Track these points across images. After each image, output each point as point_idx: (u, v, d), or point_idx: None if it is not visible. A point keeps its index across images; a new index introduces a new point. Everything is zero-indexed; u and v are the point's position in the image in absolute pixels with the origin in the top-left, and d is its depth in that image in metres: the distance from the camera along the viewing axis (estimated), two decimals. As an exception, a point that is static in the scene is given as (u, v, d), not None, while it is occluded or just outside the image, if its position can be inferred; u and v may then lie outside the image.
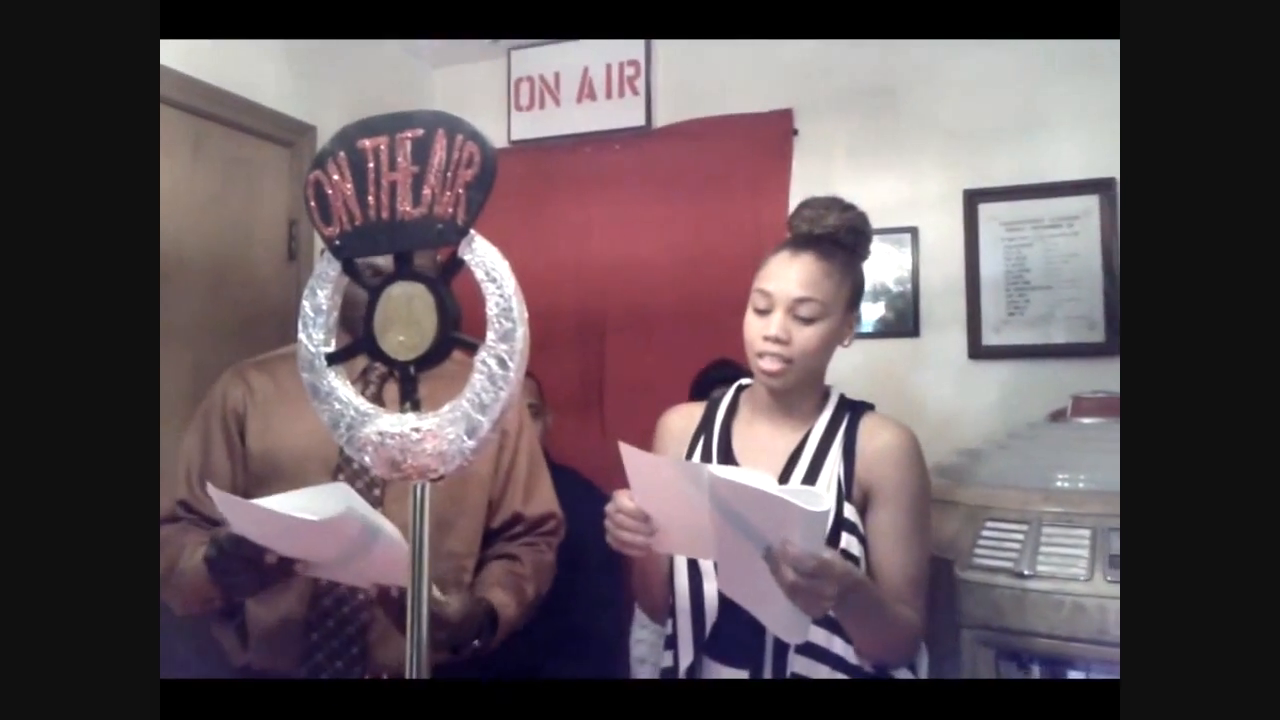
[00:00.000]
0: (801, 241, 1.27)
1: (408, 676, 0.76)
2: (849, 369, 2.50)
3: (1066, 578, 1.53)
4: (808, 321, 1.22)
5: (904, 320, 2.50)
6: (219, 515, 1.35)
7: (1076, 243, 2.33)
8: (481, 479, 1.45)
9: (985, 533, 1.68)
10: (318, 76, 2.46)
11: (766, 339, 1.22)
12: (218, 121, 2.16)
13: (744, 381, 1.38)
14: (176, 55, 2.01)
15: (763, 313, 1.24)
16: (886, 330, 2.52)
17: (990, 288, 2.41)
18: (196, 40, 2.06)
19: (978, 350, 2.42)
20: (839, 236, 1.27)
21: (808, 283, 1.22)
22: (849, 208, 1.30)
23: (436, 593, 1.17)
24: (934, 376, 2.46)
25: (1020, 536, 1.63)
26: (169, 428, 1.95)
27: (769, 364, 1.23)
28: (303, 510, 0.98)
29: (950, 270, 2.45)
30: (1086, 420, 1.88)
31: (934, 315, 2.48)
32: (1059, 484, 1.72)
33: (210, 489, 1.06)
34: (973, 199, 2.43)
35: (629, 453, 1.03)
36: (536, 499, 1.51)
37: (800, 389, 1.28)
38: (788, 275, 1.23)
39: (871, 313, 2.54)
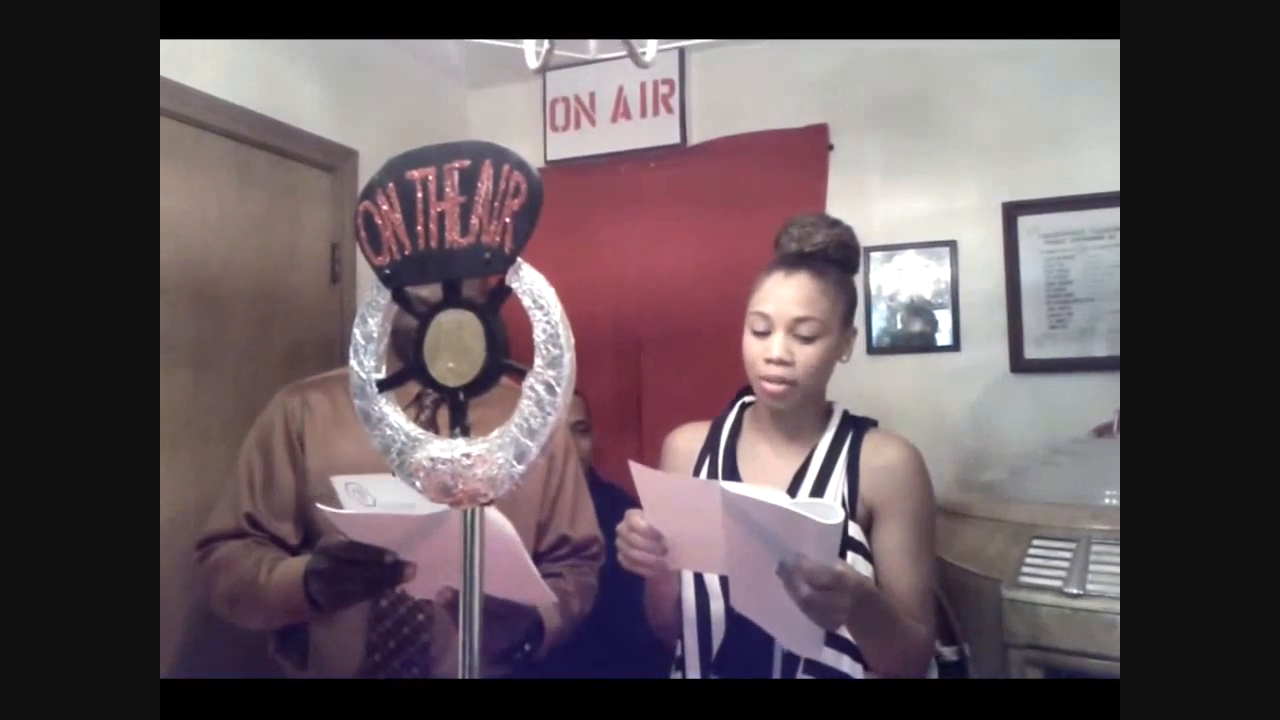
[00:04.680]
0: (793, 260, 1.28)
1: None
2: (889, 384, 2.50)
3: (1116, 597, 1.50)
4: (808, 340, 1.23)
5: (944, 334, 2.49)
6: (281, 531, 1.37)
7: (1119, 254, 2.29)
8: (531, 502, 1.47)
9: (1032, 551, 1.65)
10: (357, 100, 2.51)
11: (769, 361, 1.23)
12: (263, 148, 2.21)
13: (746, 399, 1.38)
14: (221, 83, 2.05)
15: (761, 334, 1.25)
16: (926, 344, 2.50)
17: (1031, 300, 2.39)
18: (240, 67, 2.11)
19: (1019, 364, 2.39)
20: (829, 253, 1.28)
21: (805, 301, 1.23)
22: (835, 223, 1.31)
23: None
24: (975, 391, 2.44)
25: (1068, 555, 1.60)
26: (216, 447, 2.00)
27: (773, 386, 1.24)
28: (416, 506, 0.97)
29: (990, 283, 2.43)
30: (1134, 435, 1.85)
31: (974, 329, 2.45)
32: (1108, 501, 1.69)
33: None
34: (1011, 211, 2.41)
35: (640, 471, 1.04)
36: (581, 522, 1.53)
37: (803, 408, 1.29)
38: (784, 295, 1.24)
39: (912, 326, 2.52)
